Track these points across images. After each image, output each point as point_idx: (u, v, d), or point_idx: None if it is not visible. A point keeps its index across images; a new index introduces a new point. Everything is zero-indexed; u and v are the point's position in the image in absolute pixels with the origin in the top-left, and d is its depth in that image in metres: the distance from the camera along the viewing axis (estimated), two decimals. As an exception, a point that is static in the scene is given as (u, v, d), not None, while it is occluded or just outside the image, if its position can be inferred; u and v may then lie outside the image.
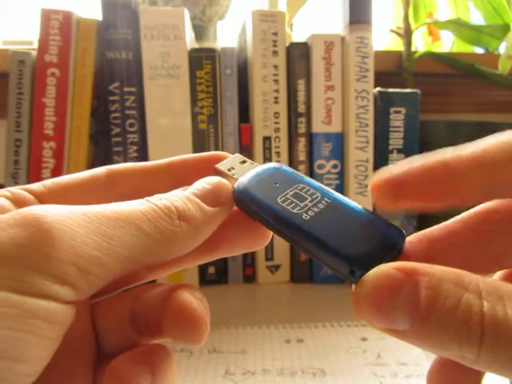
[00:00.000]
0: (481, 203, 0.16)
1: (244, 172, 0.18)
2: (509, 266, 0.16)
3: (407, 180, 0.16)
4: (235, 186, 0.18)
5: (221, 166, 0.19)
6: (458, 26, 0.68)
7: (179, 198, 0.16)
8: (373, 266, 0.13)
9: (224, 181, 0.18)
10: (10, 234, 0.12)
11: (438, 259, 0.14)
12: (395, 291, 0.13)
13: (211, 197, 0.17)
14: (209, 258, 0.19)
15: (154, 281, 0.19)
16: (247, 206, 0.17)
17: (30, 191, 0.17)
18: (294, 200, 0.17)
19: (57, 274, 0.12)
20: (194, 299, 0.16)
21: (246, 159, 0.20)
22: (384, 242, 0.16)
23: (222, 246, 0.18)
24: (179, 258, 0.18)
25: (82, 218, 0.13)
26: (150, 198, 0.15)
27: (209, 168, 0.19)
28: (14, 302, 0.12)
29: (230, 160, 0.19)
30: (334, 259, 0.15)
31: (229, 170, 0.19)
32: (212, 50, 0.49)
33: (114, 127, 0.48)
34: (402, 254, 0.16)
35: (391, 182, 0.16)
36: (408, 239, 0.16)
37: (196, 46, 0.61)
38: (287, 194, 0.17)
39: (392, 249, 0.15)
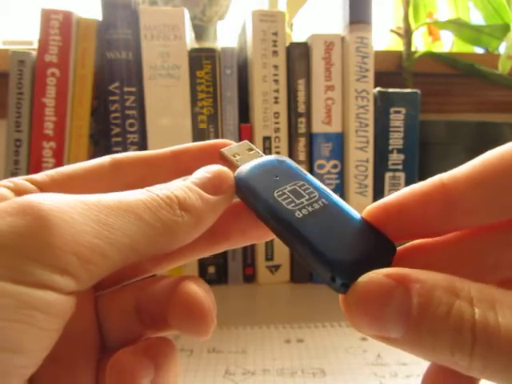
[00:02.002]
0: (480, 226, 0.15)
1: (248, 160, 0.18)
2: (502, 278, 0.16)
3: (405, 202, 0.15)
4: (235, 173, 0.17)
5: (226, 151, 0.19)
6: (458, 26, 0.68)
7: (179, 187, 0.16)
8: (355, 277, 0.13)
9: (225, 169, 0.17)
10: (7, 222, 0.12)
11: (430, 268, 0.14)
12: (386, 299, 0.12)
13: (211, 185, 0.16)
14: (217, 249, 0.18)
15: (154, 275, 0.18)
16: (244, 196, 0.17)
17: (32, 181, 0.17)
18: (291, 196, 0.17)
19: (56, 263, 0.12)
20: (200, 290, 0.15)
21: (253, 147, 0.19)
22: (372, 252, 0.15)
23: (231, 237, 0.18)
24: (186, 249, 0.18)
25: (81, 207, 0.13)
26: (150, 188, 0.15)
27: (214, 155, 0.19)
28: (11, 293, 0.11)
29: (237, 146, 0.19)
30: (318, 262, 0.14)
31: (234, 155, 0.18)
32: (212, 50, 0.49)
33: (114, 127, 0.48)
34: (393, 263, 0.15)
35: (388, 205, 0.16)
36: (400, 248, 0.16)
37: (196, 46, 0.61)
38: (285, 188, 0.17)
39: (379, 261, 0.15)
